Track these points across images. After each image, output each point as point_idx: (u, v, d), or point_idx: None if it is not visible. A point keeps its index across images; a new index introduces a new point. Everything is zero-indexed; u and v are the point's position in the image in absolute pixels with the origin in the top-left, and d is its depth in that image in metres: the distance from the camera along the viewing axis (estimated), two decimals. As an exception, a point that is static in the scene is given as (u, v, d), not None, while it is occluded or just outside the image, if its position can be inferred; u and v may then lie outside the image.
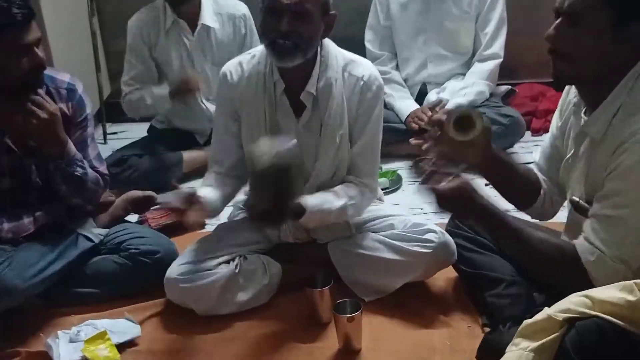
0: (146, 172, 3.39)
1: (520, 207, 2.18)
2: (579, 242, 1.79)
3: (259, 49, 2.41)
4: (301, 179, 2.27)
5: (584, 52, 1.74)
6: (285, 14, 2.20)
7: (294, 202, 2.21)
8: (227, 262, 2.43)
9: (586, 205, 1.85)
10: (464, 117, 1.94)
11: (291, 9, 2.20)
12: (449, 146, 1.95)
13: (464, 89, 3.55)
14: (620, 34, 1.70)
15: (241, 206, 2.59)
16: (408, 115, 3.55)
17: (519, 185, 2.11)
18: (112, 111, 4.27)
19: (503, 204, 2.10)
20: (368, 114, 2.39)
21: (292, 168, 2.09)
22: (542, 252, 1.84)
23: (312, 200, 2.31)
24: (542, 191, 2.12)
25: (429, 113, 3.45)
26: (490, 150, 2.00)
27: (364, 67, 2.40)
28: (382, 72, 3.63)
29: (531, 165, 2.22)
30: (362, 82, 2.37)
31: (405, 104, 3.61)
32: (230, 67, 2.44)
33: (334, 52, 2.39)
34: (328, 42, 2.39)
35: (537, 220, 2.20)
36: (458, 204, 1.92)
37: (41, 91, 2.33)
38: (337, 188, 2.40)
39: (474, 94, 3.54)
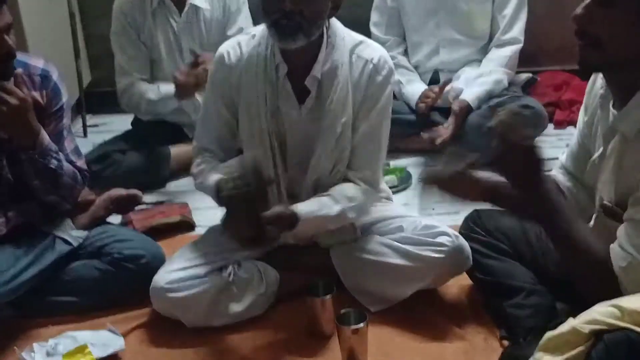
0: (131, 169, 3.40)
1: None
2: (613, 247, 1.79)
3: (259, 29, 2.41)
4: (269, 192, 2.27)
5: (615, 36, 1.73)
6: None
7: (283, 211, 2.24)
8: (220, 269, 2.43)
9: (617, 209, 1.84)
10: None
11: None
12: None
13: (480, 78, 3.55)
14: None
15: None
16: (419, 98, 3.55)
17: None
18: (93, 101, 4.29)
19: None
20: (375, 98, 2.39)
21: (252, 189, 2.13)
22: (583, 253, 1.82)
23: (305, 207, 2.31)
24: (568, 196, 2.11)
25: (437, 90, 3.47)
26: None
27: (373, 50, 2.41)
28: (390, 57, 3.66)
29: (553, 171, 2.20)
30: (371, 66, 2.37)
31: (415, 88, 3.62)
32: (228, 48, 2.44)
33: (342, 34, 2.39)
34: (335, 23, 2.40)
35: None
36: (525, 164, 1.82)
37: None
38: (335, 191, 2.39)
39: (491, 83, 3.54)
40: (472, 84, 3.54)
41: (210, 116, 2.49)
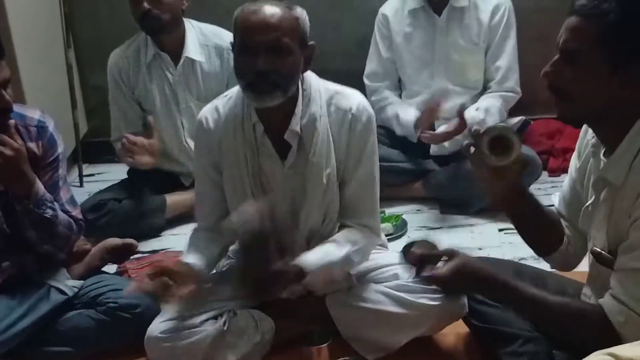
0: (126, 217, 3.41)
1: (541, 253, 2.18)
2: (606, 301, 1.78)
3: (235, 90, 2.40)
4: (290, 236, 2.23)
5: (582, 91, 1.77)
6: (261, 52, 2.18)
7: (288, 267, 2.21)
8: (215, 318, 2.42)
9: (609, 256, 1.84)
10: (500, 139, 1.93)
11: (267, 45, 2.18)
12: (477, 169, 1.96)
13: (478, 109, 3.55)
14: (619, 72, 1.72)
15: (232, 256, 2.59)
16: (416, 122, 3.56)
17: (543, 228, 2.10)
18: (89, 151, 4.31)
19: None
20: (360, 148, 2.38)
21: (265, 235, 2.10)
22: (564, 317, 1.83)
23: (310, 258, 2.30)
24: (565, 238, 2.12)
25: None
26: (520, 183, 2.01)
27: (351, 99, 2.39)
28: (380, 100, 3.68)
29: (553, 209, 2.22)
30: (350, 115, 2.36)
31: (410, 113, 3.61)
32: (207, 113, 2.44)
33: (317, 86, 2.38)
34: (309, 75, 2.38)
35: (557, 271, 2.20)
36: (463, 284, 1.98)
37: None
38: (337, 236, 2.40)
39: (494, 111, 3.55)
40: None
41: (201, 182, 2.50)
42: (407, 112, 3.62)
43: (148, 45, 3.47)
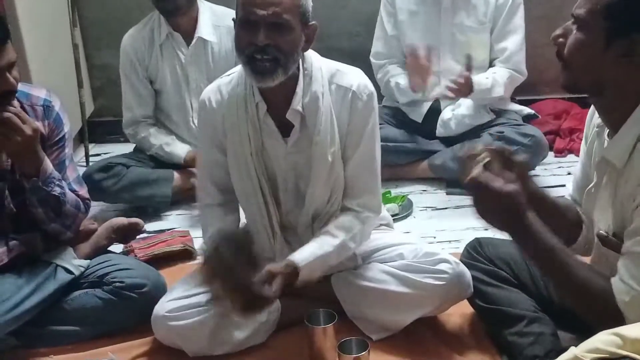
0: (132, 183, 3.43)
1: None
2: (615, 281, 1.78)
3: (237, 69, 2.41)
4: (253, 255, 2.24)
5: (578, 57, 1.78)
6: (261, 26, 2.18)
7: (279, 268, 2.22)
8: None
9: (614, 239, 1.84)
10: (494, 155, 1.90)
11: (268, 19, 2.18)
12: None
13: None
14: (614, 45, 1.72)
15: None
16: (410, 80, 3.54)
17: (559, 222, 2.07)
18: (96, 130, 4.31)
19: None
20: (361, 125, 2.38)
21: (226, 268, 2.11)
22: (582, 285, 1.80)
23: (303, 254, 2.30)
24: (583, 226, 2.10)
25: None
26: (528, 184, 1.99)
27: (352, 76, 2.39)
28: (384, 75, 3.67)
29: (568, 197, 2.21)
30: (351, 93, 2.36)
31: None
32: (209, 93, 2.44)
33: (318, 64, 2.38)
34: (310, 53, 2.38)
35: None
36: (505, 210, 1.78)
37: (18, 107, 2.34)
38: (329, 226, 2.39)
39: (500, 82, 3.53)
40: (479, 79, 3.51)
41: (206, 160, 2.51)
42: (405, 80, 3.61)
43: (161, 25, 3.47)
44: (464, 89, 3.42)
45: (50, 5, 3.90)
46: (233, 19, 2.30)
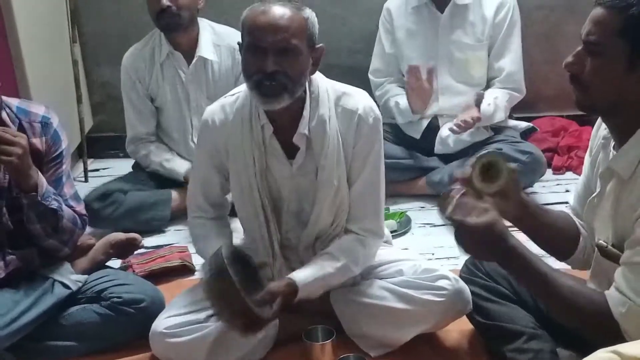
0: (131, 209, 3.42)
1: (559, 257, 2.15)
2: (610, 293, 1.77)
3: (242, 89, 2.39)
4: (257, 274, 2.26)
5: (599, 82, 1.77)
6: (269, 52, 2.17)
7: (277, 287, 2.22)
8: (219, 313, 2.41)
9: (614, 250, 1.84)
10: (489, 165, 1.92)
11: (276, 46, 2.17)
12: (476, 197, 1.93)
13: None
14: (637, 67, 1.72)
15: None
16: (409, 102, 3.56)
17: (555, 234, 2.08)
18: (95, 146, 4.31)
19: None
20: (367, 149, 2.37)
21: (224, 287, 2.09)
22: (572, 303, 1.81)
23: (303, 273, 2.30)
24: (581, 238, 2.10)
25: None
26: (520, 196, 1.99)
27: (358, 99, 2.38)
28: (383, 94, 3.67)
29: (566, 210, 2.21)
30: (357, 116, 2.35)
31: (406, 99, 3.60)
32: (213, 113, 2.43)
33: (324, 86, 2.37)
34: (317, 76, 2.37)
35: (578, 271, 2.17)
36: (484, 242, 1.82)
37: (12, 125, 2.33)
38: (333, 248, 2.38)
39: (501, 106, 3.53)
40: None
41: (201, 178, 2.50)
42: (405, 100, 3.61)
43: (162, 44, 3.48)
44: (471, 126, 3.44)
45: (50, 22, 3.91)
46: (239, 43, 2.29)
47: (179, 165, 3.53)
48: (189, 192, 2.58)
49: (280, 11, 2.19)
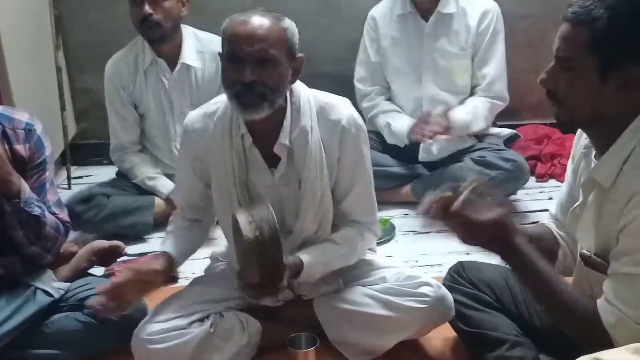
0: (113, 213, 3.41)
1: None
2: (601, 303, 1.78)
3: (223, 98, 2.38)
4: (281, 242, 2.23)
5: (575, 96, 1.79)
6: (248, 62, 2.17)
7: (285, 267, 2.20)
8: (202, 320, 2.41)
9: (597, 259, 1.84)
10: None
11: (255, 56, 2.17)
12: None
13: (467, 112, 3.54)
14: (609, 78, 1.74)
15: (221, 259, 2.59)
16: (409, 132, 3.54)
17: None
18: (78, 153, 4.30)
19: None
20: (354, 160, 2.38)
21: (272, 238, 2.08)
22: (569, 308, 1.81)
23: (308, 255, 2.31)
24: (560, 251, 2.11)
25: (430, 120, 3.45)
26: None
27: (341, 110, 2.37)
28: (371, 107, 3.68)
29: (546, 220, 2.21)
30: (340, 127, 2.35)
31: (401, 122, 3.61)
32: (194, 121, 2.43)
33: (306, 96, 2.36)
34: (298, 86, 2.37)
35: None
36: (492, 237, 1.84)
37: None
38: (334, 235, 2.41)
39: (481, 115, 3.55)
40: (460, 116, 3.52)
41: (182, 182, 2.52)
42: (398, 121, 3.62)
43: (145, 51, 3.48)
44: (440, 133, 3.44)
45: (33, 28, 3.89)
46: (219, 53, 2.29)
47: (161, 185, 3.53)
48: (173, 195, 2.60)
49: (258, 21, 2.19)
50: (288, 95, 2.32)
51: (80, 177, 4.21)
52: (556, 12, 1.91)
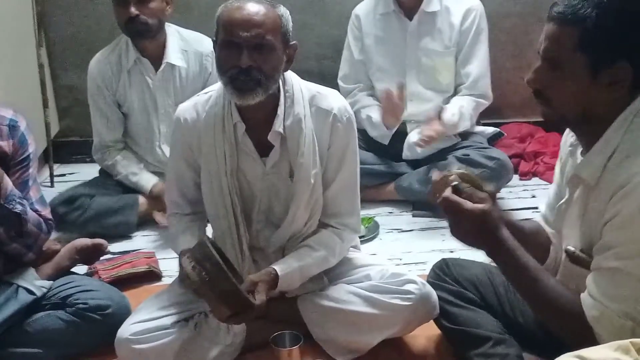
0: (97, 214, 3.39)
1: None
2: (584, 297, 1.79)
3: (216, 88, 2.40)
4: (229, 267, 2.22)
5: (564, 95, 1.79)
6: (244, 48, 2.20)
7: (261, 276, 2.24)
8: (186, 319, 2.40)
9: (583, 255, 1.85)
10: (463, 180, 1.91)
11: (250, 41, 2.19)
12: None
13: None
14: (599, 76, 1.74)
15: None
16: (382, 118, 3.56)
17: (526, 246, 2.09)
18: (61, 151, 4.27)
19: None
20: (342, 148, 2.40)
21: (217, 271, 2.08)
22: (553, 302, 1.81)
23: (283, 264, 2.32)
24: (552, 247, 2.11)
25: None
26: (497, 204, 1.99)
27: (332, 99, 2.41)
28: (353, 103, 3.67)
29: (537, 218, 2.22)
30: (331, 116, 2.38)
31: (379, 114, 3.60)
32: (185, 111, 2.43)
33: (299, 85, 2.39)
34: (291, 75, 2.40)
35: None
36: (477, 229, 1.82)
37: None
38: (311, 240, 2.40)
39: (467, 115, 3.55)
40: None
41: (175, 175, 2.51)
42: (378, 114, 3.62)
43: (129, 50, 3.45)
44: (435, 140, 3.44)
45: (15, 25, 3.86)
46: (214, 40, 2.29)
47: (146, 180, 3.51)
48: (166, 189, 2.59)
49: (255, 8, 2.22)
50: (281, 83, 2.34)
51: (63, 175, 4.18)
52: (539, 10, 1.93)
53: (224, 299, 2.11)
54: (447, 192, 1.81)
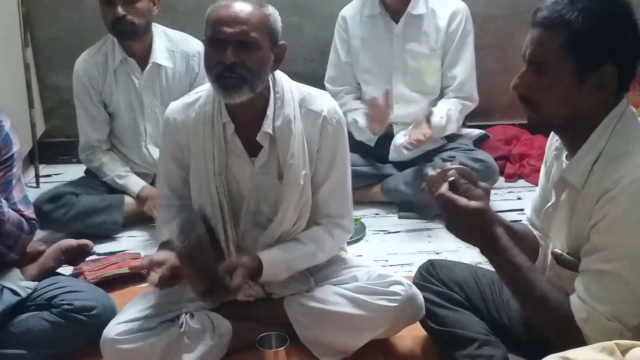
0: (82, 212, 3.37)
1: None
2: (573, 298, 1.79)
3: (206, 88, 2.41)
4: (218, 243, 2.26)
5: (550, 100, 1.79)
6: (229, 44, 2.21)
7: (243, 260, 2.25)
8: (172, 320, 2.39)
9: (570, 258, 1.85)
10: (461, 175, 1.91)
11: (236, 38, 2.21)
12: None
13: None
14: (586, 80, 1.75)
15: None
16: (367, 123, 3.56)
17: (515, 243, 2.09)
18: (47, 151, 4.25)
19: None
20: (332, 150, 2.41)
21: (199, 241, 2.10)
22: (543, 302, 1.81)
23: (269, 252, 2.32)
24: (540, 250, 2.11)
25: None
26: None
27: (322, 101, 2.42)
28: (340, 105, 3.66)
29: (523, 221, 2.22)
30: (321, 117, 2.38)
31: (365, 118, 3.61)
32: (175, 111, 2.44)
33: (289, 86, 2.39)
34: (281, 76, 2.40)
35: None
36: (471, 225, 1.82)
37: None
38: (301, 235, 2.41)
39: (454, 117, 3.55)
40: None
41: (164, 171, 2.51)
42: (363, 119, 3.62)
43: (115, 50, 3.44)
44: (424, 143, 3.44)
45: (1, 25, 3.83)
46: (203, 40, 2.30)
47: (133, 184, 3.49)
48: (157, 182, 2.61)
49: (241, 6, 2.24)
50: (271, 84, 2.35)
51: (49, 176, 4.16)
52: (524, 13, 1.92)
53: (199, 273, 2.13)
54: (444, 188, 1.81)
